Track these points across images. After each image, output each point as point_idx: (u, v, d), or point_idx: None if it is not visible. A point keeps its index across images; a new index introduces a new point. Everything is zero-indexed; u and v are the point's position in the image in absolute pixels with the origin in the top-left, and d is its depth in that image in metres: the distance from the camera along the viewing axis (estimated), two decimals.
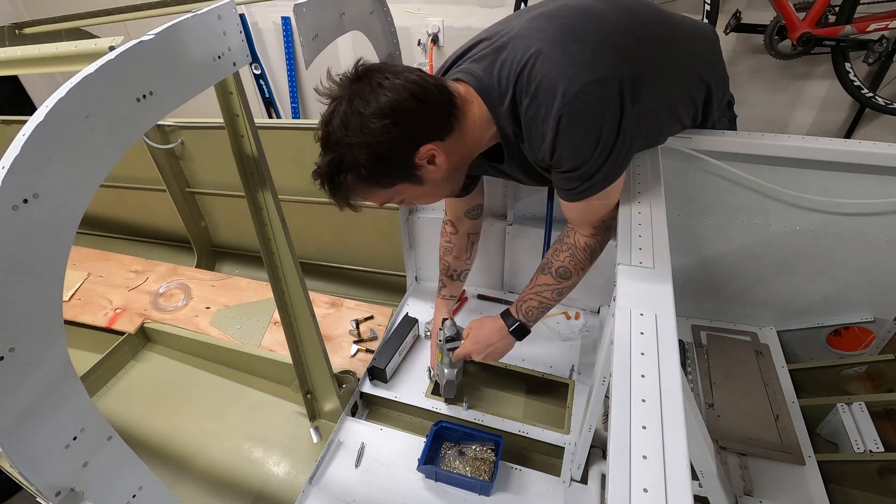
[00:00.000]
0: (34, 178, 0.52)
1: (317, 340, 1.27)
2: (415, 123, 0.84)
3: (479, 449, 1.30)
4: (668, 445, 0.58)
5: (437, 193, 1.00)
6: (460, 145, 0.92)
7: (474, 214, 1.39)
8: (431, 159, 0.89)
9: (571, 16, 0.89)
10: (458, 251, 1.43)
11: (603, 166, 0.89)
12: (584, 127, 0.84)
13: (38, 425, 0.56)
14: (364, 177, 0.87)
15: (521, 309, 1.14)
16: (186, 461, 1.42)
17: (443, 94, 0.87)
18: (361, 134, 0.82)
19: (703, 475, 0.93)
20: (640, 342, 0.70)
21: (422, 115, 0.84)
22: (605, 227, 1.02)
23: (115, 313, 1.88)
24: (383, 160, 0.85)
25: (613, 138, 0.86)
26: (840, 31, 2.03)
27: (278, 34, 2.88)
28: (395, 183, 0.91)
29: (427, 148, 0.86)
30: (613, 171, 0.91)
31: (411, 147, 0.86)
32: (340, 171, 0.86)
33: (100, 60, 0.59)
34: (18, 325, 0.53)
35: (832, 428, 1.28)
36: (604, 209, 0.98)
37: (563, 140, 0.86)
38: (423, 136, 0.86)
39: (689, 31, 1.08)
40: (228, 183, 2.05)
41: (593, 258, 1.05)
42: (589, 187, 0.92)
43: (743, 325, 1.57)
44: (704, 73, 1.07)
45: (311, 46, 0.96)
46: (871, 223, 1.24)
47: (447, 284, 1.48)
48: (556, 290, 1.09)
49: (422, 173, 0.90)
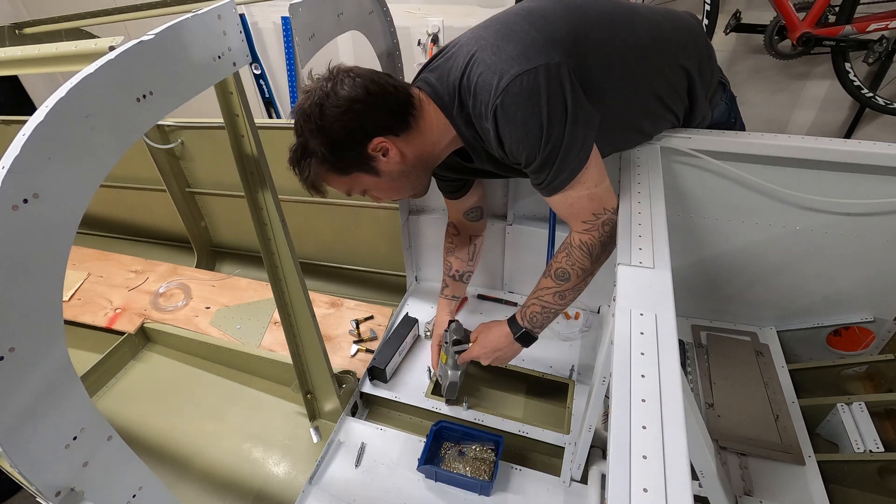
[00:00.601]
0: (34, 178, 0.52)
1: (317, 340, 1.27)
2: (366, 115, 0.92)
3: (479, 449, 1.30)
4: (668, 445, 0.58)
5: (397, 188, 1.05)
6: (417, 145, 0.99)
7: (473, 217, 1.40)
8: (385, 152, 0.96)
9: (509, 19, 0.95)
10: (460, 252, 1.45)
11: (560, 155, 0.90)
12: (521, 115, 0.87)
13: (38, 425, 0.56)
14: (323, 161, 0.95)
15: (526, 315, 1.13)
16: (186, 461, 1.42)
17: (400, 94, 0.95)
18: (319, 121, 0.91)
19: (703, 475, 0.94)
20: (640, 342, 0.70)
21: (374, 108, 0.92)
22: (602, 223, 0.98)
23: (115, 313, 1.88)
24: (337, 145, 0.93)
25: (562, 125, 0.88)
26: (840, 31, 2.04)
27: (278, 34, 2.88)
28: (352, 170, 0.98)
29: (379, 140, 0.94)
30: (576, 158, 0.92)
31: (363, 136, 0.93)
32: (305, 156, 0.96)
33: (100, 60, 0.60)
34: (18, 325, 0.53)
35: (832, 428, 1.28)
36: (586, 201, 0.96)
37: (504, 132, 0.90)
38: (374, 128, 0.93)
39: (658, 18, 1.08)
40: (228, 183, 2.05)
41: (592, 256, 1.01)
42: (554, 178, 0.94)
43: (743, 325, 1.57)
44: (680, 58, 1.07)
45: (307, 46, 0.96)
46: (871, 223, 1.24)
47: (449, 284, 1.49)
48: (557, 293, 1.07)
49: (377, 165, 0.97)
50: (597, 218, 0.98)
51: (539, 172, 0.94)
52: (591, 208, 0.97)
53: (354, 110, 0.90)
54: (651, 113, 1.11)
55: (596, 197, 0.96)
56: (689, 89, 1.12)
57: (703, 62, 1.12)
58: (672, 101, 1.11)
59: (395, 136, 0.96)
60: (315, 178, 0.98)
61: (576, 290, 1.06)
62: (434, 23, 2.58)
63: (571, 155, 0.91)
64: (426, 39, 2.62)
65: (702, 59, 1.11)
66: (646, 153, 1.14)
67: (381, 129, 0.94)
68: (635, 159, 1.12)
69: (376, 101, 0.92)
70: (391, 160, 0.97)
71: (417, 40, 2.66)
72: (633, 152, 1.15)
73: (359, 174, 0.99)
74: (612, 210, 0.98)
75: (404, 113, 0.95)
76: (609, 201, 0.98)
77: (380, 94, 0.92)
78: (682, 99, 1.13)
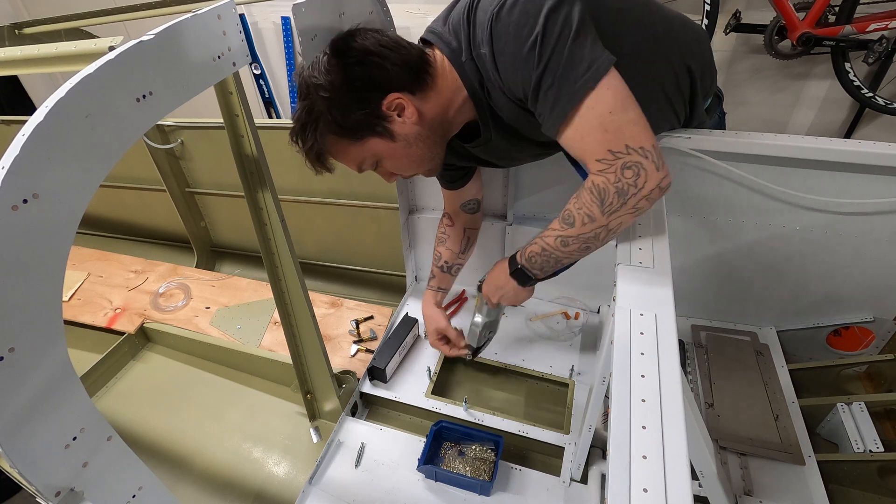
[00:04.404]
0: (34, 178, 0.52)
1: (317, 340, 1.27)
2: (380, 67, 0.84)
3: (478, 449, 1.30)
4: (667, 445, 0.58)
5: (412, 156, 0.95)
6: (433, 104, 0.91)
7: (470, 208, 1.37)
8: (401, 111, 0.88)
9: None
10: (452, 243, 1.41)
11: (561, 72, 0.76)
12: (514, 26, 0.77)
13: (38, 425, 0.56)
14: (332, 123, 0.87)
15: (525, 252, 0.99)
16: (186, 461, 1.42)
17: (415, 50, 0.88)
18: (326, 73, 0.83)
19: (703, 475, 0.93)
20: (640, 342, 0.70)
21: (388, 61, 0.84)
22: (622, 165, 0.77)
23: (115, 313, 1.88)
24: (349, 102, 0.85)
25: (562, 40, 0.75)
26: (840, 31, 2.04)
27: (278, 34, 2.88)
28: (364, 134, 0.89)
29: (394, 96, 0.86)
30: (580, 78, 0.76)
31: (376, 91, 0.86)
32: (311, 121, 0.87)
33: (99, 60, 0.60)
34: (18, 325, 0.53)
35: (832, 428, 1.28)
36: (598, 132, 0.77)
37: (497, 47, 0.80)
38: (388, 83, 0.86)
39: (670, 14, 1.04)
40: (228, 183, 2.05)
41: (602, 204, 0.81)
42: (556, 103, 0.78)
43: (743, 324, 1.57)
44: (687, 58, 1.02)
45: (310, 47, 0.96)
46: (871, 223, 1.24)
47: (437, 276, 1.45)
48: (560, 238, 0.90)
49: (392, 126, 0.89)
50: (615, 157, 0.77)
51: (538, 99, 0.80)
52: (605, 142, 0.77)
53: (368, 62, 0.83)
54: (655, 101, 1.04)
55: (612, 127, 0.77)
56: (691, 92, 1.08)
57: (706, 69, 1.09)
58: (675, 99, 1.07)
59: (411, 95, 0.88)
60: (321, 145, 0.90)
61: (580, 241, 0.87)
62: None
63: (574, 73, 0.76)
64: None
65: (705, 65, 1.08)
66: None
67: (397, 85, 0.86)
68: None
69: (390, 53, 0.84)
70: (407, 120, 0.89)
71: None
72: None
73: (371, 139, 0.90)
74: (640, 150, 0.77)
75: (419, 69, 0.88)
76: (634, 137, 0.77)
77: (392, 47, 0.85)
78: (683, 100, 1.09)
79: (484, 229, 1.59)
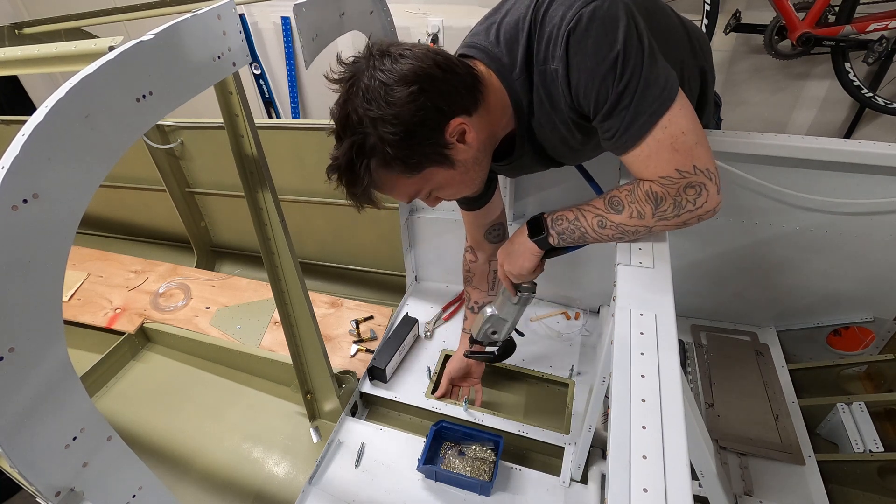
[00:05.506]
0: (34, 178, 0.52)
1: (317, 340, 1.27)
2: (442, 93, 0.76)
3: (478, 449, 1.30)
4: (667, 445, 0.58)
5: (468, 181, 0.89)
6: (487, 123, 0.85)
7: (495, 236, 1.26)
8: (462, 136, 0.80)
9: None
10: (479, 280, 1.36)
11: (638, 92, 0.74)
12: (593, 43, 0.74)
13: (38, 425, 0.56)
14: (390, 159, 0.77)
15: (555, 214, 0.92)
16: (186, 461, 1.42)
17: (465, 66, 0.81)
18: (387, 105, 0.73)
19: (702, 475, 0.93)
20: (640, 342, 0.70)
21: (448, 84, 0.77)
22: (686, 185, 0.76)
23: (115, 313, 1.88)
24: (412, 134, 0.75)
25: (639, 58, 0.74)
26: (840, 30, 2.03)
27: (278, 34, 2.88)
28: (424, 166, 0.81)
29: (457, 122, 0.78)
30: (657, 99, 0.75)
31: (441, 119, 0.77)
32: (362, 157, 0.77)
33: (99, 60, 0.60)
34: (18, 326, 0.53)
35: (832, 428, 1.28)
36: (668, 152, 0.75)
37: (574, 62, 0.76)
38: (452, 108, 0.78)
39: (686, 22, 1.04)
40: (228, 183, 2.05)
41: (657, 207, 0.79)
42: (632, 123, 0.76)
43: (743, 324, 1.57)
44: (699, 59, 1.02)
45: (310, 46, 0.96)
46: (870, 223, 1.24)
47: (468, 317, 1.43)
48: (600, 219, 0.85)
49: (453, 153, 0.81)
50: (681, 176, 0.76)
51: (612, 117, 0.77)
52: (674, 161, 0.76)
53: (427, 88, 0.74)
54: None
55: (683, 148, 0.75)
56: (700, 94, 1.07)
57: (710, 75, 1.08)
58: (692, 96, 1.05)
59: (469, 116, 0.80)
60: (376, 184, 0.81)
61: (618, 231, 0.84)
62: (434, 23, 2.58)
63: (651, 93, 0.74)
64: (426, 39, 2.62)
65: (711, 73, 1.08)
66: None
67: (457, 109, 0.78)
68: None
69: (447, 75, 0.76)
70: (470, 146, 0.81)
71: (418, 40, 2.66)
72: None
73: (432, 169, 0.82)
74: (706, 172, 0.76)
75: (472, 87, 0.80)
76: (701, 159, 0.76)
77: (448, 66, 0.76)
78: (694, 100, 1.06)
79: None
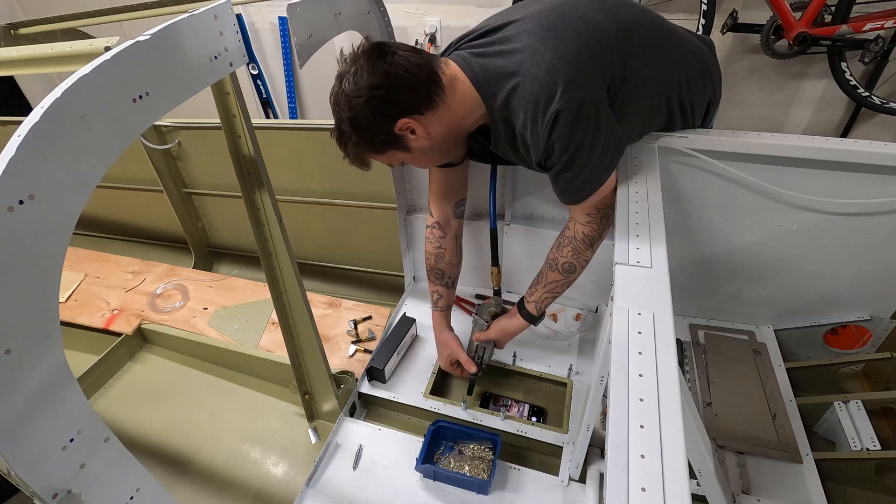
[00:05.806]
0: (30, 179, 0.52)
1: (315, 341, 1.27)
2: (388, 100, 0.94)
3: (477, 448, 1.30)
4: (665, 444, 0.58)
5: (429, 160, 1.12)
6: (444, 121, 1.01)
7: (461, 212, 1.40)
8: (413, 131, 0.99)
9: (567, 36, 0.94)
10: (451, 255, 1.41)
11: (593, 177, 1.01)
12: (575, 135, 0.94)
13: (35, 427, 0.56)
14: (358, 142, 1.00)
15: (540, 307, 1.27)
16: (184, 462, 1.41)
17: (423, 72, 0.95)
18: (348, 109, 0.95)
19: (700, 474, 0.94)
20: (638, 341, 0.70)
21: (395, 93, 0.94)
22: (602, 215, 1.08)
23: (113, 314, 1.87)
24: (365, 130, 0.97)
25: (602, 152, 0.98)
26: (836, 30, 2.04)
27: (275, 34, 2.88)
28: (386, 149, 1.03)
29: (404, 121, 0.96)
30: (603, 176, 1.02)
31: (387, 120, 0.96)
32: (342, 139, 1.02)
33: (96, 61, 0.59)
34: (15, 327, 0.52)
35: (829, 426, 1.29)
36: (597, 197, 1.05)
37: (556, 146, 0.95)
38: (397, 111, 0.96)
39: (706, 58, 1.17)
40: (226, 183, 2.04)
41: (593, 246, 1.13)
42: (579, 191, 1.04)
43: (740, 323, 1.57)
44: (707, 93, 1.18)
45: (305, 46, 0.96)
46: (867, 222, 1.24)
47: (443, 295, 1.44)
48: (565, 284, 1.21)
49: (407, 142, 1.01)
50: (598, 212, 1.08)
51: (566, 183, 1.03)
52: (596, 204, 1.08)
53: (376, 97, 0.93)
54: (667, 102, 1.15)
55: (602, 195, 1.06)
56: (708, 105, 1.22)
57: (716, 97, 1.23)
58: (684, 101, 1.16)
59: (421, 115, 0.97)
60: (356, 156, 1.04)
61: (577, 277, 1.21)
62: (431, 23, 2.58)
63: (600, 176, 1.01)
64: (423, 39, 2.62)
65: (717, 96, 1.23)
66: (643, 153, 1.14)
67: (403, 111, 0.96)
68: (633, 159, 1.12)
69: (396, 83, 0.93)
70: (420, 137, 1.00)
71: (415, 40, 2.65)
72: (630, 152, 1.15)
73: (393, 151, 1.04)
74: (611, 204, 1.06)
75: (428, 92, 0.96)
76: (610, 196, 1.06)
77: (400, 75, 0.93)
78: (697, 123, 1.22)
79: (481, 228, 1.60)
